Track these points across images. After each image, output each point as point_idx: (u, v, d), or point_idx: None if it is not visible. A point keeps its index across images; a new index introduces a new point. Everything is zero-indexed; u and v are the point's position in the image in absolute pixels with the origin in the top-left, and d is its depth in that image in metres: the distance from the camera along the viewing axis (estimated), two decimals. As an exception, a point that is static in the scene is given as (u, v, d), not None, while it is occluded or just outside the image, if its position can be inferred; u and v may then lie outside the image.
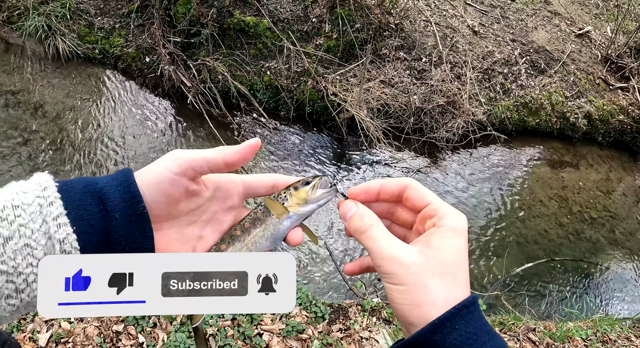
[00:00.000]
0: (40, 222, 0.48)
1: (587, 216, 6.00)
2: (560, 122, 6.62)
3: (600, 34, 7.85)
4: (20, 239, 0.46)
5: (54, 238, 0.48)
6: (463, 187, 5.87)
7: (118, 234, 0.53)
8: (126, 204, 0.53)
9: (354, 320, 2.57)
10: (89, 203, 0.51)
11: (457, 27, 6.80)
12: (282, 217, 0.63)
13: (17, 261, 0.46)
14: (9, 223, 0.46)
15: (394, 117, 5.87)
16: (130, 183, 0.55)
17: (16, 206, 0.47)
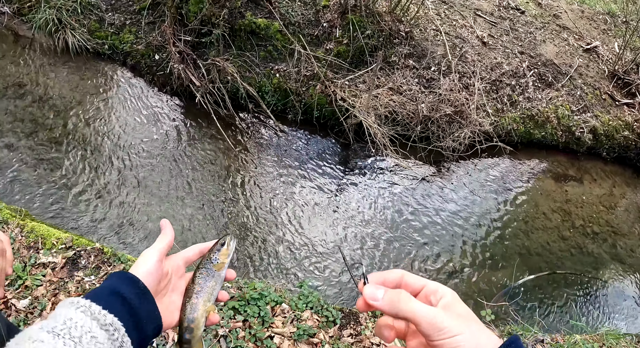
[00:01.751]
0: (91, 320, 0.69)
1: (590, 231, 6.04)
2: (566, 136, 6.67)
3: (607, 50, 7.91)
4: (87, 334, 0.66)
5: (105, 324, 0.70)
6: (467, 197, 5.89)
7: (137, 309, 0.76)
8: (132, 287, 0.78)
9: (365, 325, 2.58)
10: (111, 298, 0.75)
11: (466, 37, 6.85)
12: (221, 270, 0.94)
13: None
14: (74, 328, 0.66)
15: (402, 124, 5.90)
16: (127, 275, 0.80)
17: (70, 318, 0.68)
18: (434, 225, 5.47)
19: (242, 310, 2.51)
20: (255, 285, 2.62)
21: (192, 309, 0.89)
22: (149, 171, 5.25)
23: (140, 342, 0.76)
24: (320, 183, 5.54)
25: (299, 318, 2.53)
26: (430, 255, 5.15)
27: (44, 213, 4.60)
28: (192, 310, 0.88)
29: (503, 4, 7.90)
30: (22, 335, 0.63)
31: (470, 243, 5.41)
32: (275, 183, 5.43)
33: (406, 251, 5.10)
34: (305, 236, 4.95)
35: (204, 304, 0.90)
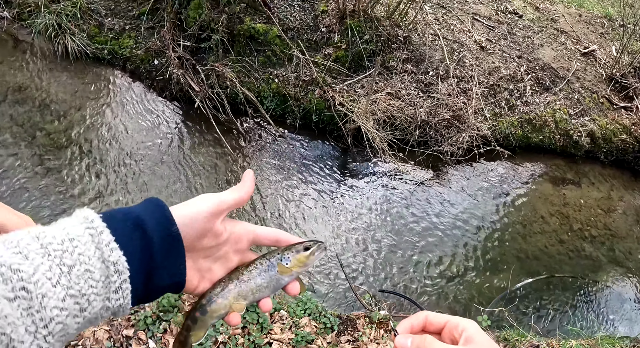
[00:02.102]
0: (94, 249, 0.57)
1: (588, 234, 6.08)
2: (564, 139, 6.72)
3: (605, 53, 7.97)
4: (81, 265, 0.55)
5: (108, 260, 0.58)
6: (465, 201, 5.94)
7: (156, 254, 0.63)
8: (161, 228, 0.63)
9: (362, 331, 2.62)
10: (130, 228, 0.61)
11: (464, 42, 6.91)
12: (284, 275, 0.76)
13: (81, 285, 0.55)
14: (70, 254, 0.55)
15: (400, 129, 5.95)
16: (164, 209, 0.65)
17: (72, 239, 0.56)
18: (432, 229, 5.51)
19: (241, 317, 2.54)
20: (254, 292, 2.67)
21: (223, 294, 0.74)
22: (149, 176, 5.29)
23: (150, 291, 0.65)
24: (319, 188, 5.59)
25: (297, 324, 2.57)
26: (429, 259, 5.19)
27: (43, 221, 4.63)
28: (221, 295, 0.74)
29: (501, 8, 7.96)
30: (12, 238, 0.54)
31: (469, 247, 5.45)
32: (274, 188, 5.47)
33: (405, 255, 5.14)
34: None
35: (237, 298, 0.75)
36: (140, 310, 2.66)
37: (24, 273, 0.50)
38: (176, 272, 0.67)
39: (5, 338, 0.47)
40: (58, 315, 0.52)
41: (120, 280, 0.59)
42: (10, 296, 0.49)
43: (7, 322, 0.47)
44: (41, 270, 0.52)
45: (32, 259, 0.52)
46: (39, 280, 0.51)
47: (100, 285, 0.57)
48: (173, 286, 0.68)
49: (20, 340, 0.49)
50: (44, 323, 0.51)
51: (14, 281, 0.49)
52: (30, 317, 0.50)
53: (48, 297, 0.51)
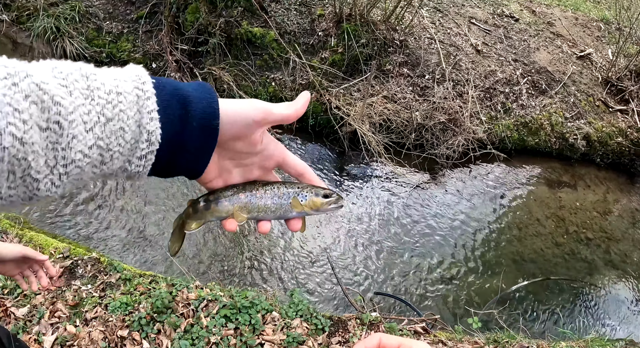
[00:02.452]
0: (136, 111, 0.56)
1: (584, 237, 6.12)
2: (560, 142, 6.77)
3: (601, 57, 8.03)
4: (118, 122, 0.54)
5: (144, 127, 0.56)
6: (461, 204, 5.98)
7: (190, 138, 0.61)
8: (205, 116, 0.61)
9: (353, 333, 2.67)
10: (175, 105, 0.59)
11: (460, 45, 6.97)
12: (294, 209, 0.75)
13: (111, 139, 0.54)
14: (112, 107, 0.54)
15: (396, 132, 6.00)
16: (213, 99, 0.62)
17: (119, 93, 0.55)
18: (428, 231, 5.55)
19: (234, 318, 2.60)
20: (247, 294, 2.72)
21: (231, 198, 0.74)
22: (146, 182, 5.31)
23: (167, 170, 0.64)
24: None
25: (289, 326, 2.62)
26: (424, 262, 5.22)
27: (42, 222, 4.68)
28: (230, 199, 0.74)
29: (497, 11, 8.02)
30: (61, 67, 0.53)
31: (465, 250, 5.49)
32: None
33: (401, 258, 5.18)
34: (298, 246, 5.03)
35: (242, 208, 0.74)
36: (134, 311, 2.70)
37: (63, 108, 0.49)
38: (199, 161, 0.65)
39: (25, 163, 0.47)
40: (80, 160, 0.52)
41: (148, 150, 0.58)
42: (43, 126, 0.48)
43: (32, 150, 0.47)
44: (80, 111, 0.51)
45: (75, 97, 0.51)
46: (75, 120, 0.50)
47: (128, 147, 0.56)
48: (190, 172, 0.66)
49: (37, 170, 0.49)
50: (64, 163, 0.51)
51: (51, 112, 0.48)
52: (54, 152, 0.50)
53: (77, 140, 0.51)
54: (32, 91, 0.47)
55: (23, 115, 0.46)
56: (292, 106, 0.68)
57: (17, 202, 0.51)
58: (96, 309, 2.83)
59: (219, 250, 4.75)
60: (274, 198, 0.75)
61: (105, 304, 2.86)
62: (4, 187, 0.48)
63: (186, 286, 2.79)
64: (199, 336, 2.56)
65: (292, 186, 0.76)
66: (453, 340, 2.84)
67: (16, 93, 0.46)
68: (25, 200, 0.51)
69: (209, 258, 4.64)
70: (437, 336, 2.82)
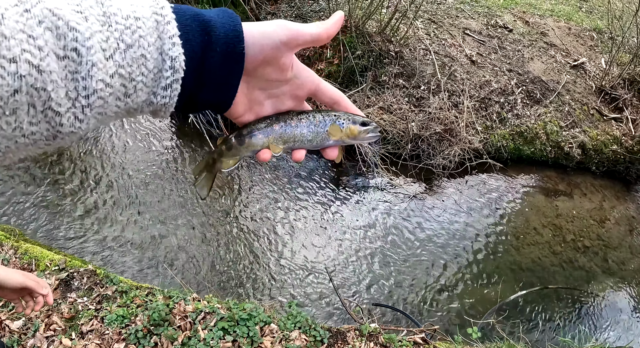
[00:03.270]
0: (156, 37, 0.52)
1: (581, 245, 6.12)
2: (555, 151, 6.80)
3: (594, 66, 8.10)
4: (139, 49, 0.50)
5: (167, 54, 0.53)
6: (458, 214, 5.98)
7: (213, 67, 0.57)
8: (228, 41, 0.57)
9: (352, 344, 2.65)
10: (196, 30, 0.55)
11: (455, 56, 7.02)
12: (331, 138, 0.73)
13: (133, 68, 0.50)
14: (131, 32, 0.50)
15: (392, 143, 6.02)
16: (237, 22, 0.58)
17: (137, 18, 0.51)
18: (425, 242, 5.54)
19: (232, 330, 2.58)
20: (245, 306, 2.70)
21: (266, 130, 0.70)
22: (142, 193, 5.32)
23: (196, 100, 0.60)
24: (311, 203, 5.63)
25: (287, 338, 2.60)
26: (422, 272, 5.21)
27: (38, 234, 4.65)
28: (264, 131, 0.70)
29: (491, 22, 8.10)
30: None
31: (462, 260, 5.48)
32: (265, 203, 5.51)
33: (398, 269, 5.17)
34: (296, 257, 5.01)
35: (277, 139, 0.71)
36: (131, 324, 2.68)
37: (79, 34, 0.45)
38: (226, 91, 0.61)
39: (44, 94, 0.44)
40: (102, 90, 0.48)
41: (173, 78, 0.54)
42: (60, 54, 0.44)
43: (51, 79, 0.44)
44: (97, 37, 0.47)
45: (91, 23, 0.47)
46: (93, 46, 0.46)
47: (151, 76, 0.53)
48: (219, 105, 0.63)
49: (58, 102, 0.45)
50: (86, 93, 0.47)
51: (67, 38, 0.45)
52: (74, 82, 0.46)
53: (97, 68, 0.47)
54: (46, 17, 0.44)
55: (38, 41, 0.43)
56: (323, 24, 0.63)
57: (40, 141, 0.48)
58: (92, 322, 2.81)
59: (216, 262, 4.72)
60: (310, 126, 0.72)
61: (101, 317, 2.84)
62: (25, 122, 0.44)
63: (183, 299, 2.77)
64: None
65: (328, 113, 0.73)
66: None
67: (29, 19, 0.43)
68: (49, 139, 0.48)
69: (206, 271, 4.62)
70: (437, 347, 2.81)
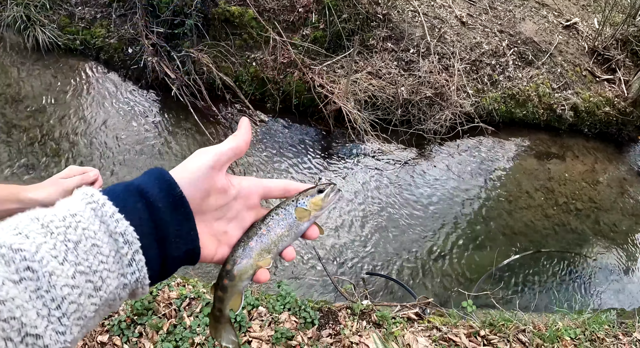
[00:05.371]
0: (99, 223, 0.52)
1: (573, 208, 5.99)
2: (547, 114, 6.57)
3: (587, 26, 7.77)
4: (87, 240, 0.50)
5: (115, 233, 0.52)
6: (450, 179, 5.80)
7: (164, 221, 0.56)
8: (164, 193, 0.57)
9: (344, 324, 2.48)
10: (133, 199, 0.55)
11: (445, 17, 6.68)
12: (303, 220, 0.71)
13: (90, 260, 0.49)
14: (73, 229, 0.50)
15: (382, 109, 5.76)
16: (163, 174, 0.59)
17: (74, 214, 0.51)
18: (417, 209, 5.38)
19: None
20: (231, 289, 2.50)
21: (245, 253, 0.68)
22: (129, 168, 5.08)
23: (166, 263, 0.58)
24: (302, 171, 5.41)
25: (276, 320, 2.42)
26: (415, 239, 5.06)
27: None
28: (244, 255, 0.68)
29: (481, -18, 7.71)
30: (10, 221, 0.50)
31: (455, 225, 5.33)
32: (257, 175, 5.29)
33: (391, 236, 5.01)
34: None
35: (261, 254, 0.69)
36: (114, 315, 2.49)
37: (26, 253, 0.45)
38: (188, 238, 0.59)
39: (16, 323, 0.42)
40: (70, 294, 0.47)
41: (132, 251, 0.53)
42: (15, 278, 0.44)
43: (16, 305, 0.43)
44: (44, 248, 0.47)
45: (33, 238, 0.47)
46: (44, 257, 0.46)
47: (111, 260, 0.51)
48: (188, 255, 0.60)
49: (33, 325, 0.44)
50: (56, 304, 0.46)
51: (16, 261, 0.44)
52: (41, 299, 0.45)
53: (56, 275, 0.46)
54: None
55: None
56: (238, 136, 0.66)
57: None
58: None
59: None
60: (280, 223, 0.71)
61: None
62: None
63: (167, 285, 2.58)
64: (182, 337, 2.35)
65: (287, 203, 0.73)
66: (448, 324, 2.67)
67: None
68: None
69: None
70: (431, 322, 2.65)
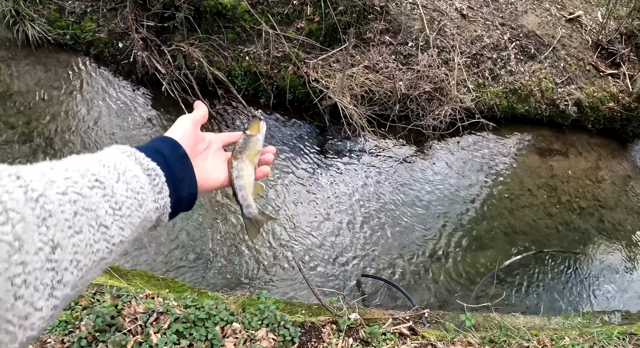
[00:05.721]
0: (134, 163, 0.66)
1: (576, 206, 5.69)
2: (550, 109, 6.25)
3: (591, 19, 7.42)
4: (130, 171, 0.64)
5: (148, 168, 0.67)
6: (450, 176, 5.51)
7: (176, 169, 0.72)
8: (175, 152, 0.74)
9: (328, 342, 2.20)
10: (154, 154, 0.70)
11: (444, 10, 6.35)
12: (256, 134, 0.96)
13: (134, 184, 0.63)
14: (119, 164, 0.63)
15: (379, 104, 5.46)
16: (171, 140, 0.76)
17: (116, 161, 0.63)
18: (416, 207, 5.10)
19: (187, 333, 2.13)
20: (204, 303, 2.23)
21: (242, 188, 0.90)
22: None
23: (176, 203, 0.72)
24: (296, 169, 5.13)
25: (252, 338, 2.15)
26: (413, 238, 4.79)
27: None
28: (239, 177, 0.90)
29: (482, -27, 7.36)
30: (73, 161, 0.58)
31: (455, 225, 5.06)
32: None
33: (388, 235, 4.75)
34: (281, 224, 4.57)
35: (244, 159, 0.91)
36: (75, 330, 2.23)
37: (93, 171, 0.57)
38: (191, 184, 0.76)
39: (93, 214, 0.54)
40: (125, 201, 0.59)
41: (161, 181, 0.68)
42: (89, 185, 0.55)
43: (91, 201, 0.54)
44: (103, 172, 0.59)
45: (93, 164, 0.59)
46: (105, 176, 0.58)
47: (147, 187, 0.65)
48: (191, 197, 0.76)
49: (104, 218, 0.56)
50: (118, 206, 0.58)
51: (89, 175, 0.56)
52: (107, 202, 0.57)
53: (116, 188, 0.59)
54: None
55: None
56: (202, 109, 0.88)
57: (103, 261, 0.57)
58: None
59: (184, 241, 4.27)
60: (246, 143, 0.95)
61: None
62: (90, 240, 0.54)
63: (134, 297, 2.31)
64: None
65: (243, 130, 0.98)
66: (444, 340, 2.40)
67: None
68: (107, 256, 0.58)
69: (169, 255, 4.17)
70: (425, 337, 2.37)
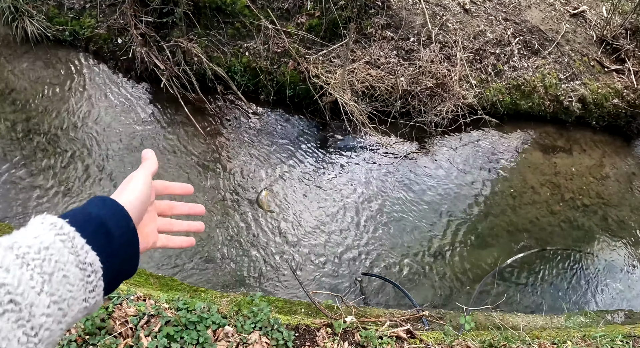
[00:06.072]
0: (68, 255, 0.54)
1: (580, 203, 5.54)
2: (554, 105, 6.08)
3: (595, 14, 7.23)
4: (59, 272, 0.53)
5: (85, 263, 0.56)
6: (452, 173, 5.37)
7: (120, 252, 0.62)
8: (121, 225, 0.63)
9: (322, 346, 2.09)
10: (95, 230, 0.59)
11: (447, 5, 6.18)
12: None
13: (61, 291, 0.52)
14: (48, 262, 0.52)
15: (380, 100, 5.32)
16: (120, 209, 0.64)
17: (47, 247, 0.53)
18: (417, 204, 4.97)
19: (178, 337, 2.01)
20: (196, 305, 2.12)
21: None
22: (117, 163, 4.73)
23: (114, 283, 0.63)
24: (296, 166, 5.01)
25: (245, 342, 2.03)
26: (415, 236, 4.67)
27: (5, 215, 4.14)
28: None
29: (485, -32, 7.19)
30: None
31: (457, 222, 4.92)
32: (248, 167, 4.90)
33: (390, 233, 4.62)
34: (281, 222, 4.45)
35: None
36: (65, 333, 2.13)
37: (9, 286, 0.47)
38: (134, 263, 0.66)
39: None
40: (46, 322, 0.50)
41: (96, 278, 0.57)
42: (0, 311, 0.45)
43: (1, 337, 0.45)
44: (24, 280, 0.49)
45: (13, 272, 0.49)
46: (25, 290, 0.48)
47: (76, 288, 0.54)
48: (129, 273, 0.66)
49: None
50: (34, 332, 0.48)
51: (1, 296, 0.46)
52: (22, 328, 0.47)
53: (35, 306, 0.49)
54: None
55: None
56: (150, 160, 0.77)
57: None
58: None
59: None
60: None
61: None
62: None
63: (126, 299, 2.20)
64: None
65: None
66: (442, 343, 2.28)
67: None
68: None
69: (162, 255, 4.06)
70: (423, 340, 2.25)
